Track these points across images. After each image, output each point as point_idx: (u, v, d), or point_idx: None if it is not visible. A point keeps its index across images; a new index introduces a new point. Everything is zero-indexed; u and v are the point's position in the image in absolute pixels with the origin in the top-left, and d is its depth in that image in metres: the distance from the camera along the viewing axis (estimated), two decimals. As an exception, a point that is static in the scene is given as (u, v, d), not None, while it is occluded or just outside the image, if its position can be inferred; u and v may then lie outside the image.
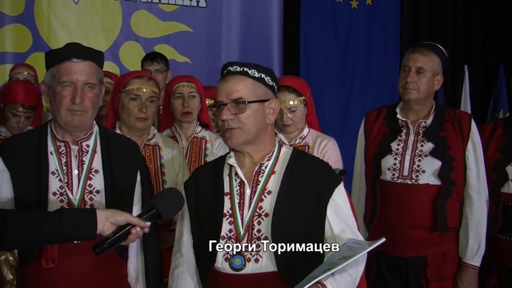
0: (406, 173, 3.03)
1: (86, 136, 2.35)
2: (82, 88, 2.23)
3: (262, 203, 2.09)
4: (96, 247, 1.86)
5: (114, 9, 5.42)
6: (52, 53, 2.33)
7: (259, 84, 2.11)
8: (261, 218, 2.07)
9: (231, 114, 2.06)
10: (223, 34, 5.74)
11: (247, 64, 2.12)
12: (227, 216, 2.11)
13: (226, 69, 2.13)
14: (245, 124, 2.07)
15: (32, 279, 2.26)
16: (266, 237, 2.04)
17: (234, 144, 2.10)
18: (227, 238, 2.08)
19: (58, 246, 2.15)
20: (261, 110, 2.10)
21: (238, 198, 2.12)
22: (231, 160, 2.15)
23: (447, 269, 3.04)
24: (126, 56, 5.43)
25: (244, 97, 2.06)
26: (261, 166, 2.14)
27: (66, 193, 2.26)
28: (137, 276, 2.42)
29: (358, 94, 6.13)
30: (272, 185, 2.11)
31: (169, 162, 3.07)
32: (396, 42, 6.17)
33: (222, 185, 2.15)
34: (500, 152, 3.19)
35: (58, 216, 1.88)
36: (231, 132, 2.08)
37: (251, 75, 2.10)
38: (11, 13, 5.13)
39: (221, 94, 2.10)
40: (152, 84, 3.05)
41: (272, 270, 2.02)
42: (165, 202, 1.98)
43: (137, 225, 1.91)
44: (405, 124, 3.11)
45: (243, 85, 2.08)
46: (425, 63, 3.03)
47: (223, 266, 2.07)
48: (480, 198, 3.04)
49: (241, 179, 2.13)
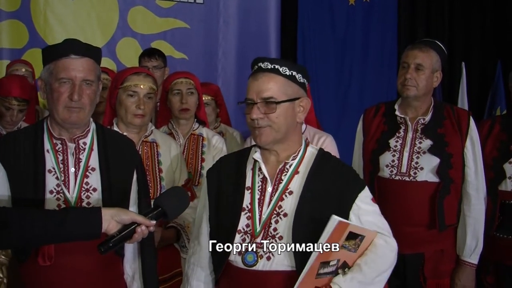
0: (404, 170, 3.03)
1: (83, 134, 2.33)
2: (80, 84, 2.21)
3: (282, 202, 2.08)
4: (101, 245, 1.85)
5: (111, 5, 5.40)
6: (50, 49, 2.30)
7: (290, 82, 2.08)
8: (279, 218, 2.06)
9: (261, 113, 2.04)
10: (220, 30, 5.72)
11: (279, 61, 2.09)
12: (246, 210, 2.10)
13: (257, 65, 2.09)
14: (275, 123, 2.05)
15: (29, 278, 2.24)
16: (281, 236, 2.04)
17: (263, 143, 2.09)
18: (243, 233, 2.08)
19: (55, 244, 2.13)
20: (291, 109, 2.08)
21: (258, 194, 2.11)
22: (256, 155, 2.14)
23: (445, 266, 3.05)
24: (123, 52, 5.41)
25: (274, 97, 2.04)
26: (286, 165, 2.13)
27: (62, 191, 2.24)
28: (133, 274, 2.41)
29: (355, 90, 6.12)
30: (294, 186, 2.10)
31: (166, 159, 3.06)
32: (394, 38, 6.16)
33: (244, 178, 2.15)
34: (497, 150, 3.20)
35: (63, 215, 1.88)
36: (260, 130, 2.06)
37: (282, 73, 2.06)
38: (7, 8, 5.11)
39: (251, 92, 2.07)
40: (150, 80, 3.04)
41: (283, 270, 2.02)
42: (170, 201, 1.98)
43: (142, 224, 1.91)
44: (403, 121, 3.11)
45: (274, 84, 2.05)
46: (424, 60, 3.03)
47: (236, 260, 2.07)
48: (478, 195, 3.04)
49: (264, 175, 2.12)
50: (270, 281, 2.02)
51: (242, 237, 2.07)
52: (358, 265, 2.01)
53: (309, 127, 3.26)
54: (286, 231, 2.03)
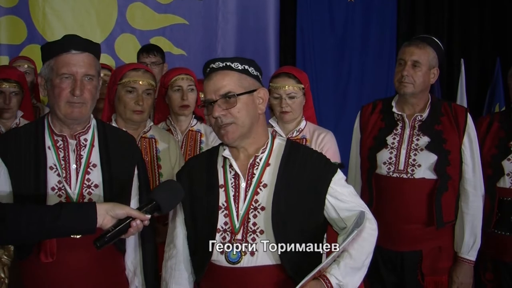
0: (401, 167, 3.03)
1: (84, 130, 2.33)
2: (81, 80, 2.21)
3: (258, 196, 2.10)
4: (97, 240, 1.86)
5: (109, 1, 5.41)
6: (50, 45, 2.30)
7: (244, 76, 2.10)
8: (257, 212, 2.08)
9: (223, 110, 2.05)
10: (219, 27, 5.72)
11: (229, 58, 2.11)
12: (222, 208, 2.11)
13: (209, 67, 2.12)
14: (238, 118, 2.06)
15: (30, 275, 2.24)
16: (262, 230, 2.05)
17: (231, 140, 2.09)
18: (222, 231, 2.08)
19: (57, 240, 2.14)
20: (251, 101, 2.10)
21: (233, 191, 2.12)
22: (226, 152, 2.15)
23: (443, 263, 3.05)
24: (122, 49, 5.42)
25: (232, 91, 2.06)
26: (256, 158, 2.14)
27: (64, 188, 2.24)
28: (135, 270, 2.42)
29: (354, 87, 6.12)
30: (267, 178, 2.11)
31: (165, 155, 3.06)
32: (393, 35, 6.16)
33: (216, 177, 2.15)
34: (496, 147, 3.19)
35: (58, 210, 1.88)
36: (225, 128, 2.07)
37: (234, 68, 2.09)
38: (5, 4, 5.11)
39: (209, 92, 2.09)
40: (149, 76, 3.04)
41: (268, 264, 2.03)
42: (164, 195, 1.99)
43: (137, 218, 1.91)
44: (400, 118, 3.11)
45: (229, 79, 2.07)
46: (421, 57, 3.02)
47: (218, 259, 2.07)
48: (476, 192, 3.04)
49: (235, 172, 2.13)
50: (255, 277, 2.03)
51: (222, 235, 2.08)
52: (347, 250, 2.01)
53: (309, 123, 3.26)
54: (266, 225, 2.05)
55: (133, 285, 2.42)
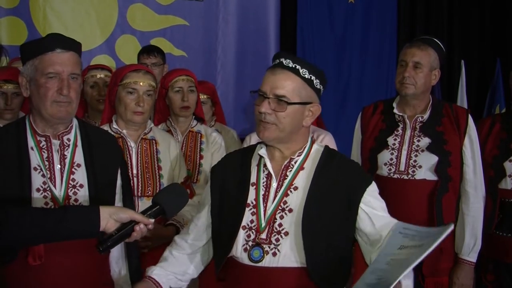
0: (402, 168, 3.03)
1: (67, 130, 2.31)
2: (67, 79, 2.20)
3: (287, 198, 2.09)
4: (99, 244, 1.85)
5: (110, 2, 5.39)
6: (33, 44, 2.27)
7: (306, 86, 2.08)
8: (284, 213, 2.07)
9: (270, 108, 2.04)
10: (219, 28, 5.71)
11: (300, 62, 2.08)
12: (250, 206, 2.11)
13: (279, 59, 2.08)
14: (281, 122, 2.05)
15: (16, 279, 2.21)
16: (287, 232, 2.04)
17: (266, 138, 2.09)
18: (248, 229, 2.08)
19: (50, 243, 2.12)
20: (300, 112, 2.08)
21: (263, 190, 2.12)
22: (262, 151, 2.15)
23: (443, 264, 3.05)
24: (122, 50, 5.40)
25: (287, 96, 2.03)
26: (291, 161, 2.13)
27: (49, 188, 2.22)
28: (120, 270, 2.43)
29: (354, 88, 6.12)
30: (299, 181, 2.11)
31: (166, 157, 3.05)
32: (393, 36, 6.15)
33: (249, 174, 2.15)
34: (498, 148, 3.19)
35: (61, 213, 1.87)
36: (265, 125, 2.06)
37: (301, 74, 2.06)
38: (6, 5, 5.10)
39: (266, 85, 2.06)
40: (149, 77, 3.03)
41: (290, 266, 2.02)
42: (169, 199, 1.97)
43: (141, 222, 1.90)
44: (402, 119, 3.11)
45: (290, 83, 2.05)
46: (422, 58, 3.02)
47: (241, 256, 2.07)
48: (476, 193, 3.04)
49: (269, 171, 2.13)
50: (277, 278, 2.02)
51: (247, 233, 2.08)
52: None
53: (308, 124, 3.25)
54: (292, 227, 2.04)
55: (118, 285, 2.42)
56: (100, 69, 3.89)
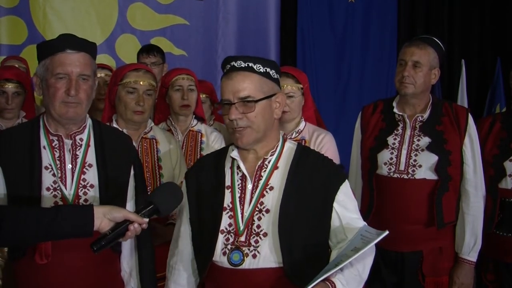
0: (402, 168, 3.02)
1: (79, 130, 2.31)
2: (76, 79, 2.19)
3: (264, 198, 2.07)
4: (93, 244, 1.83)
5: (110, 1, 5.41)
6: (45, 44, 2.28)
7: (265, 79, 2.06)
8: (262, 214, 2.05)
9: (240, 113, 2.02)
10: (219, 27, 5.72)
11: (251, 59, 2.06)
12: (227, 210, 2.08)
13: (229, 64, 2.07)
14: (254, 122, 2.03)
15: (24, 276, 2.23)
16: (266, 233, 2.03)
17: (245, 144, 2.07)
18: (226, 232, 2.06)
19: (52, 241, 2.12)
20: (268, 106, 2.07)
21: (239, 192, 2.10)
22: (234, 153, 2.12)
23: (443, 264, 3.04)
24: (122, 49, 5.42)
25: (252, 95, 2.02)
26: (264, 161, 2.11)
27: (60, 188, 2.22)
28: (131, 271, 2.41)
29: (354, 88, 6.13)
30: (274, 181, 2.09)
31: (166, 156, 3.05)
32: (393, 36, 6.16)
33: (223, 178, 2.13)
34: (498, 147, 3.18)
35: (54, 213, 1.86)
36: (241, 132, 2.04)
37: (256, 70, 2.04)
38: (6, 5, 5.11)
39: (227, 93, 2.04)
40: (150, 77, 3.04)
41: (270, 267, 2.01)
42: (163, 197, 1.96)
43: (135, 222, 1.89)
44: (401, 118, 3.11)
45: (250, 82, 2.03)
46: (422, 57, 3.01)
47: (221, 260, 2.05)
48: (476, 193, 3.03)
49: (243, 173, 2.11)
50: (257, 279, 2.01)
51: (226, 236, 2.06)
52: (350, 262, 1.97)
53: (308, 124, 3.25)
54: (270, 227, 2.03)
55: (129, 286, 2.40)
56: (100, 68, 3.89)
